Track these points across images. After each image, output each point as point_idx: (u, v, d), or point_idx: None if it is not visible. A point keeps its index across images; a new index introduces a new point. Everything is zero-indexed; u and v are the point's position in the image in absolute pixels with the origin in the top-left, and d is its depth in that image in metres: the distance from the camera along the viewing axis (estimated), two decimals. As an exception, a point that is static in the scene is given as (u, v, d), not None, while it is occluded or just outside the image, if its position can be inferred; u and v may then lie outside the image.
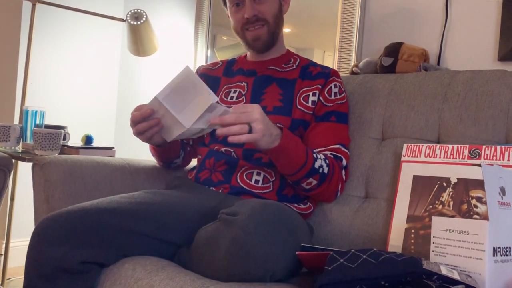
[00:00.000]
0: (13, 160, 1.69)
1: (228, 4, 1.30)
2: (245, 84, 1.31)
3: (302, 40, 1.35)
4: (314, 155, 1.13)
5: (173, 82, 0.99)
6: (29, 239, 0.94)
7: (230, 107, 1.03)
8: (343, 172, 1.22)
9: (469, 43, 1.43)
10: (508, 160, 0.96)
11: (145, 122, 1.06)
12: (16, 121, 2.27)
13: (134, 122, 1.08)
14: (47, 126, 1.80)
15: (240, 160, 1.21)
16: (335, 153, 1.21)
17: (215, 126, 1.01)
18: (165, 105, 0.98)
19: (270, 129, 1.02)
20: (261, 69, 1.32)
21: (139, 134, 1.10)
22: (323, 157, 1.15)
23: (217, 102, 0.98)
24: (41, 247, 0.90)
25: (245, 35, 1.28)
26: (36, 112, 1.78)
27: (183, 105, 0.97)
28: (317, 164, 1.12)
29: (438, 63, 1.47)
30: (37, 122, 1.80)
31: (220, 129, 0.98)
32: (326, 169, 1.14)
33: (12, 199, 2.03)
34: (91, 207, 0.96)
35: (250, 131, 0.97)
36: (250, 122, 0.97)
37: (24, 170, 2.07)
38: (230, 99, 1.30)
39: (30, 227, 1.02)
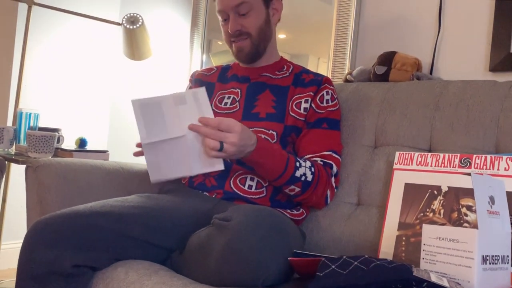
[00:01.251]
0: (6, 162, 1.68)
1: (218, 17, 1.32)
2: (239, 90, 1.32)
3: (297, 46, 1.36)
4: (297, 163, 1.15)
5: (139, 121, 1.00)
6: (20, 241, 0.94)
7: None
8: (333, 179, 1.23)
9: (461, 53, 1.45)
10: (498, 169, 0.98)
11: None
12: (9, 123, 2.27)
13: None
14: (41, 129, 1.79)
15: (234, 165, 1.22)
16: (325, 160, 1.22)
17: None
18: (155, 140, 1.00)
19: (242, 149, 1.04)
20: (255, 75, 1.33)
21: None
22: (309, 164, 1.17)
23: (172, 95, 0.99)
24: (34, 250, 0.90)
25: (232, 47, 1.31)
26: (30, 114, 1.78)
27: (163, 125, 1.00)
28: (298, 173, 1.14)
29: (431, 73, 1.48)
30: (31, 124, 1.79)
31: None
32: (310, 177, 1.16)
33: (4, 201, 2.02)
34: (84, 211, 0.96)
35: (221, 147, 1.00)
36: (224, 142, 1.00)
37: (16, 172, 2.07)
38: (224, 105, 1.31)
39: (21, 229, 1.02)
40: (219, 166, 1.04)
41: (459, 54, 1.45)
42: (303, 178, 1.15)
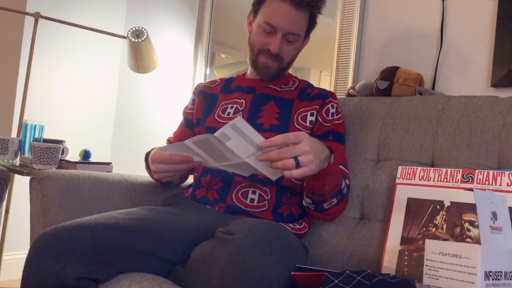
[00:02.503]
0: (10, 174, 1.69)
1: (260, 19, 1.25)
2: (244, 101, 1.33)
3: (299, 59, 1.38)
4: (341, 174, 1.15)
5: (200, 151, 1.03)
6: (20, 252, 0.94)
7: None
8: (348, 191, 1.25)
9: (463, 69, 1.46)
10: (500, 185, 0.98)
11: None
12: (13, 134, 2.28)
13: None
14: (45, 140, 1.81)
15: (235, 177, 1.22)
16: (341, 173, 1.23)
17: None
18: (220, 164, 1.03)
19: (320, 156, 0.96)
20: (260, 87, 1.35)
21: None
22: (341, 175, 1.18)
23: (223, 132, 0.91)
24: (39, 262, 0.91)
25: (258, 57, 1.28)
26: (35, 126, 1.79)
27: (221, 153, 0.98)
28: (343, 184, 1.15)
29: (433, 88, 1.49)
30: (36, 136, 1.80)
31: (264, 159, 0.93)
32: (345, 189, 1.17)
33: (7, 212, 2.03)
34: (89, 223, 0.97)
35: (297, 164, 0.92)
36: (298, 155, 0.92)
37: (18, 183, 2.08)
38: (227, 114, 1.32)
39: (22, 240, 1.02)
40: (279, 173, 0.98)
41: (461, 70, 1.46)
42: (344, 190, 1.15)
